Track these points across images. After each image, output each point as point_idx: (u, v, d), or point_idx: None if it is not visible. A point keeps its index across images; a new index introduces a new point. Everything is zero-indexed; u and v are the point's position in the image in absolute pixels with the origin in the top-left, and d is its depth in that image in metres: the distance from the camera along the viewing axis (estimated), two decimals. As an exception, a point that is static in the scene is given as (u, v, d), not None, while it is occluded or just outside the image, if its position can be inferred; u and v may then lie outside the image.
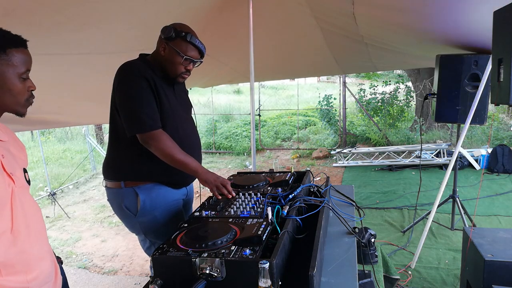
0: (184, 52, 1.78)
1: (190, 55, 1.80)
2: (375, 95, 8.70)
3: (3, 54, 1.13)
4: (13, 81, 1.15)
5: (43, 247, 1.28)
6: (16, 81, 1.16)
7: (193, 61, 1.83)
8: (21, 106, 1.21)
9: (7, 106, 1.18)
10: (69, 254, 4.06)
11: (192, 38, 1.78)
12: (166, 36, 1.76)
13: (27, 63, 1.19)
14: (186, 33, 1.77)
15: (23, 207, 1.20)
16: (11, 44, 1.15)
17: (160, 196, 1.86)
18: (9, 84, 1.15)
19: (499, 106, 2.93)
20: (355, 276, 1.33)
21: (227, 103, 13.49)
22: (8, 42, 1.15)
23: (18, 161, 1.26)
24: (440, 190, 3.17)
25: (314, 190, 1.87)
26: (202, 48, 1.84)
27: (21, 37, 1.18)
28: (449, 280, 3.00)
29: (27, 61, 1.19)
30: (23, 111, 1.22)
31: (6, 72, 1.13)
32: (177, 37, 1.77)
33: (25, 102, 1.21)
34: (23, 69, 1.17)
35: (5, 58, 1.13)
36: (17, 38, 1.17)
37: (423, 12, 2.47)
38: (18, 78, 1.16)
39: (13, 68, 1.15)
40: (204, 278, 1.12)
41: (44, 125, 4.56)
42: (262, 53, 3.76)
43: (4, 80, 1.14)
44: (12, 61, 1.14)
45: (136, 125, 1.73)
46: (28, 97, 1.21)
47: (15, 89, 1.16)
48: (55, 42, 2.24)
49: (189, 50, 1.80)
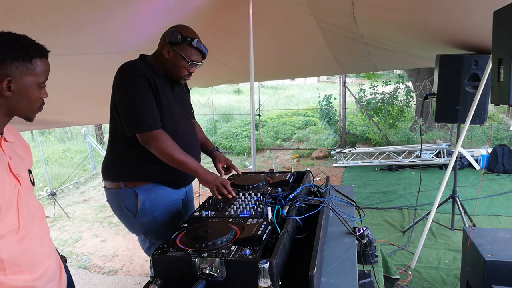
0: (189, 57, 1.80)
1: (194, 60, 1.81)
2: (375, 95, 8.70)
3: (29, 64, 1.14)
4: (33, 90, 1.17)
5: (47, 246, 1.30)
6: (35, 89, 1.18)
7: (196, 65, 1.85)
8: (33, 113, 1.23)
9: (22, 112, 1.20)
10: (69, 254, 4.06)
11: (198, 43, 1.80)
12: (171, 40, 1.77)
13: (46, 73, 1.21)
14: (192, 39, 1.78)
15: (28, 207, 1.22)
16: (36, 54, 1.17)
17: (159, 196, 1.86)
18: (29, 92, 1.17)
19: (499, 106, 2.93)
20: (355, 276, 1.33)
21: (227, 103, 13.49)
22: (34, 52, 1.16)
23: (23, 162, 1.27)
24: (440, 190, 3.17)
25: (314, 190, 1.87)
26: (206, 52, 1.86)
27: (45, 47, 1.20)
28: (449, 280, 3.00)
29: (47, 70, 1.21)
30: (33, 117, 1.25)
31: (28, 81, 1.15)
32: (183, 42, 1.77)
33: (37, 109, 1.24)
34: (43, 78, 1.19)
35: (30, 67, 1.15)
36: (42, 48, 1.19)
37: (423, 12, 2.47)
38: (37, 87, 1.18)
39: (35, 77, 1.17)
40: (204, 278, 1.12)
41: (44, 125, 4.57)
42: (262, 53, 3.76)
43: (25, 88, 1.15)
44: (36, 70, 1.16)
45: (135, 125, 1.73)
46: (40, 104, 1.23)
47: (33, 97, 1.18)
48: (54, 42, 2.23)
49: (194, 55, 1.81)
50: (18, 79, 1.13)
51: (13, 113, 1.20)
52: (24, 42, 1.16)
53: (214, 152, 2.16)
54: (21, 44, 1.15)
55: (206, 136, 2.26)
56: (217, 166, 2.10)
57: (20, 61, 1.12)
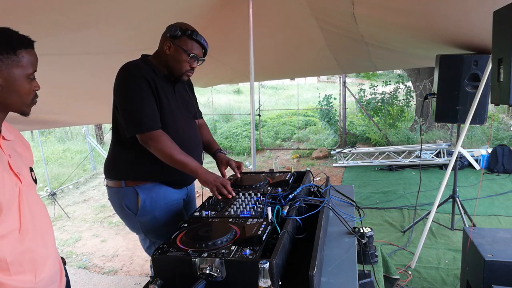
0: (190, 50, 1.80)
1: (195, 53, 1.81)
2: (375, 95, 8.70)
3: (13, 55, 1.12)
4: (21, 82, 1.15)
5: (49, 246, 1.29)
6: (24, 82, 1.16)
7: (197, 59, 1.84)
8: (27, 106, 1.21)
9: (14, 106, 1.19)
10: (69, 254, 4.06)
11: (197, 36, 1.80)
12: (171, 34, 1.77)
13: (34, 64, 1.19)
14: (192, 31, 1.79)
15: (30, 206, 1.21)
16: (21, 45, 1.15)
17: (160, 195, 1.86)
18: (18, 85, 1.15)
19: (499, 106, 2.93)
20: (355, 276, 1.33)
21: (227, 103, 13.50)
22: (18, 43, 1.14)
23: (24, 160, 1.26)
24: (440, 190, 3.17)
25: (314, 190, 1.87)
26: (206, 45, 1.86)
27: (30, 38, 1.18)
28: (449, 280, 2.99)
29: (34, 62, 1.19)
30: (28, 111, 1.22)
31: (15, 73, 1.13)
32: (182, 35, 1.78)
33: (31, 102, 1.21)
34: (30, 70, 1.17)
35: (15, 59, 1.13)
36: (26, 39, 1.17)
37: (423, 12, 2.47)
38: (26, 79, 1.16)
39: (22, 69, 1.15)
40: (204, 278, 1.12)
41: (44, 125, 4.57)
42: (262, 53, 3.76)
43: (13, 81, 1.14)
44: (22, 62, 1.14)
45: (135, 126, 1.73)
46: (33, 97, 1.21)
47: (22, 90, 1.16)
48: (55, 42, 2.24)
49: (195, 48, 1.81)
50: (4, 72, 1.11)
51: (7, 108, 1.19)
52: (7, 34, 1.14)
53: (217, 153, 2.15)
54: (3, 37, 1.13)
55: (212, 137, 2.24)
56: (221, 169, 2.10)
57: (4, 54, 1.10)
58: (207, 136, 2.20)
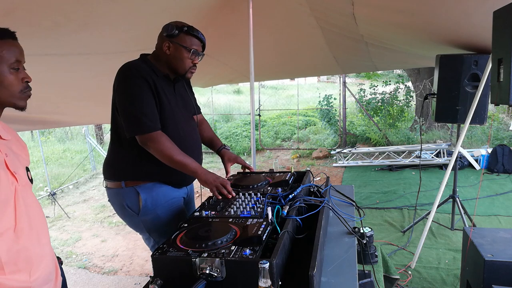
0: (190, 46, 1.80)
1: (195, 48, 1.81)
2: (375, 95, 8.71)
3: None
4: (3, 73, 1.15)
5: (44, 245, 1.28)
6: (6, 72, 1.15)
7: (198, 54, 1.84)
8: (17, 99, 1.20)
9: (4, 99, 1.18)
10: (69, 254, 4.06)
11: (194, 30, 1.81)
12: (168, 34, 1.77)
13: (16, 54, 1.18)
14: (188, 27, 1.79)
15: (26, 205, 1.21)
16: None
17: (160, 194, 1.86)
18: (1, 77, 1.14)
19: (499, 106, 2.93)
20: (355, 276, 1.33)
21: (227, 103, 13.49)
22: None
23: (20, 160, 1.26)
24: (440, 190, 3.17)
25: (314, 190, 1.86)
26: (204, 39, 1.85)
27: (8, 29, 1.17)
28: (449, 280, 3.00)
29: (16, 51, 1.18)
30: (21, 104, 1.21)
31: None
32: (180, 32, 1.78)
33: (20, 94, 1.20)
34: (12, 59, 1.16)
35: None
36: (3, 30, 1.17)
37: (423, 12, 2.47)
38: (8, 70, 1.16)
39: (2, 60, 1.14)
40: (204, 278, 1.12)
41: (44, 125, 4.57)
42: (262, 53, 3.76)
43: None
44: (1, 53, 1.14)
45: (134, 127, 1.73)
46: (23, 89, 1.20)
47: (5, 81, 1.16)
48: (55, 42, 2.24)
49: (194, 43, 1.81)
50: None
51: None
52: None
53: (222, 150, 2.14)
54: None
55: (214, 133, 2.23)
56: (226, 166, 2.09)
57: None
58: (209, 132, 2.20)
